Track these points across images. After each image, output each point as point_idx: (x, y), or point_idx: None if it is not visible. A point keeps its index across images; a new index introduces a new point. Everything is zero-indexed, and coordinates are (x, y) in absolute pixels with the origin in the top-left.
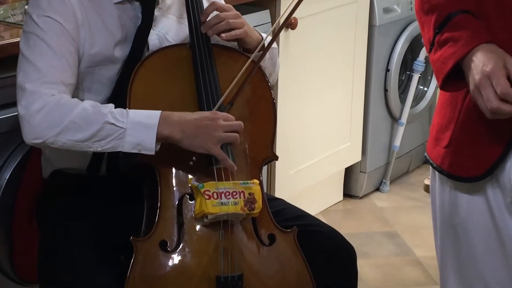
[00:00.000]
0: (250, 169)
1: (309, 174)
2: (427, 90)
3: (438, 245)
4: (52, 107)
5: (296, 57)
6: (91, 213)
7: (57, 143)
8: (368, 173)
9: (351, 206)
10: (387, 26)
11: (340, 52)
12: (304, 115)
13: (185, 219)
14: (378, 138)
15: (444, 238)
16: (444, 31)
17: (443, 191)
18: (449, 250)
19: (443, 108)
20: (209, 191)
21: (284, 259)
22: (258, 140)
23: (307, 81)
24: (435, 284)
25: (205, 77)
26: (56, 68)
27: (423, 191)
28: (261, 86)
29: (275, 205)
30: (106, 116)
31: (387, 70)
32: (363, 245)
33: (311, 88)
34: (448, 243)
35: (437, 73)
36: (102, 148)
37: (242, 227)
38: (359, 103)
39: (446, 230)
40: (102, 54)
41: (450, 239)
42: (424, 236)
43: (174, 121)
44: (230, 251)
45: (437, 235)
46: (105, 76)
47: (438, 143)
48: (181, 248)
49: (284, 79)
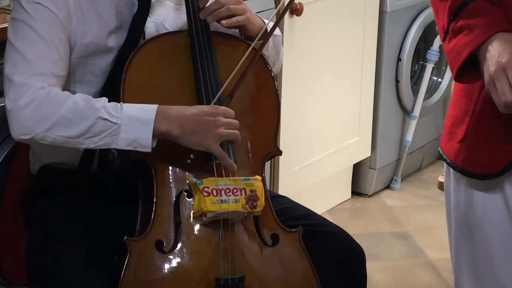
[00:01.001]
0: (252, 164)
1: (314, 171)
2: (441, 81)
3: (453, 247)
4: (41, 100)
5: (301, 46)
6: (82, 212)
7: (46, 139)
8: (378, 169)
9: (359, 205)
10: (399, 13)
11: (349, 40)
12: (309, 107)
13: (182, 217)
14: (389, 132)
15: (459, 238)
16: (459, 18)
17: (458, 189)
18: (465, 251)
19: (458, 100)
20: (208, 187)
21: (288, 261)
22: (261, 134)
23: (313, 71)
24: None
25: (204, 66)
26: (46, 59)
27: (437, 189)
28: (264, 76)
29: (278, 203)
30: (99, 110)
31: (398, 59)
32: (372, 246)
33: (317, 78)
34: (463, 244)
35: (452, 64)
36: (95, 145)
37: (243, 226)
38: (369, 95)
39: (461, 230)
40: (95, 44)
41: (465, 239)
42: (438, 237)
43: (172, 116)
44: (230, 252)
45: (451, 235)
46: (98, 67)
47: (453, 137)
48: (178, 249)
49: (288, 69)
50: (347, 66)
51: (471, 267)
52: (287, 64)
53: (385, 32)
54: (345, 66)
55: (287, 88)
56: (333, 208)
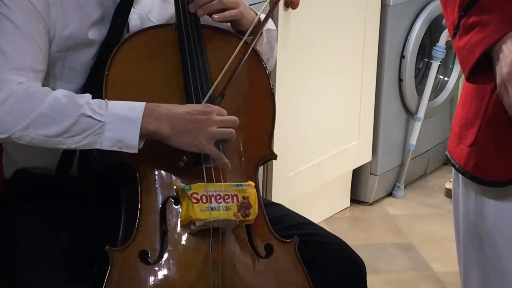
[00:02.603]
0: (244, 169)
1: (311, 177)
2: (448, 80)
3: (461, 259)
4: (19, 96)
5: (297, 41)
6: (60, 219)
7: (24, 138)
8: (379, 175)
9: (359, 213)
10: (402, 6)
11: (348, 35)
12: (305, 108)
13: (169, 226)
14: (391, 135)
15: (468, 250)
16: (470, 14)
17: (468, 196)
18: (474, 264)
19: (468, 100)
20: (197, 194)
21: (283, 273)
22: (254, 136)
23: (309, 69)
24: None
25: (194, 63)
26: (24, 52)
27: (442, 197)
28: (258, 74)
29: (273, 211)
30: (82, 107)
31: (402, 57)
32: (373, 258)
33: (313, 77)
34: (473, 256)
35: (463, 63)
36: (77, 144)
37: (235, 236)
38: (370, 95)
39: (471, 241)
40: (75, 37)
41: (475, 251)
42: (444, 248)
43: (161, 114)
44: (221, 264)
45: (459, 247)
46: (79, 62)
47: (462, 141)
48: (164, 260)
49: (282, 66)
50: (347, 63)
51: (481, 281)
52: (281, 61)
53: (388, 27)
54: (344, 63)
55: (281, 87)
56: (331, 217)
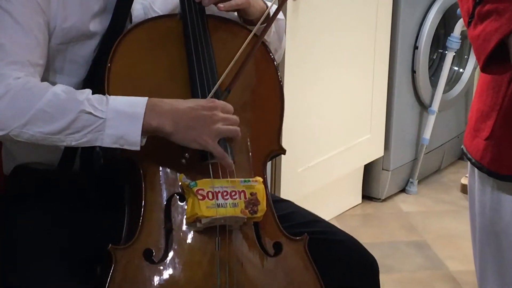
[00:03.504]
0: (252, 164)
1: (321, 172)
2: (463, 71)
3: (477, 257)
4: (17, 92)
5: (306, 32)
6: (61, 217)
7: (23, 135)
8: (392, 171)
9: (371, 210)
10: None
11: (359, 26)
12: (315, 101)
13: (174, 224)
14: (404, 129)
15: (485, 248)
16: (486, 2)
17: (484, 191)
18: (490, 262)
19: (484, 92)
20: (203, 190)
21: (293, 272)
22: (262, 130)
23: (319, 61)
24: None
25: (199, 55)
26: (22, 46)
27: (458, 193)
28: (266, 67)
29: (282, 208)
30: (82, 103)
31: (415, 47)
32: (385, 257)
33: (323, 69)
34: (489, 254)
35: (478, 52)
36: (77, 142)
37: (243, 234)
38: (382, 87)
39: (487, 238)
40: (76, 29)
41: (491, 249)
42: (459, 246)
43: (164, 110)
44: (228, 263)
45: (475, 244)
46: (80, 54)
47: (478, 134)
48: (169, 259)
49: (291, 58)
50: (358, 55)
51: (498, 280)
52: (290, 53)
53: (400, 17)
54: (355, 55)
55: (289, 80)
56: (341, 214)
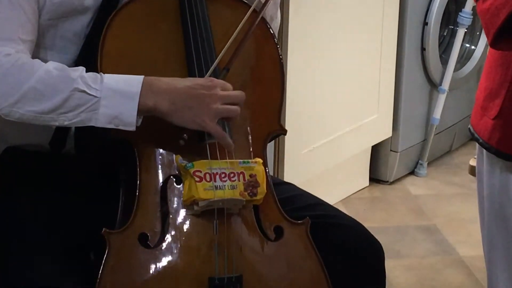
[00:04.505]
0: (251, 145)
1: (326, 154)
2: (474, 48)
3: (486, 241)
4: (7, 70)
5: (310, 6)
6: (54, 201)
7: (13, 114)
8: (401, 152)
9: (379, 193)
10: None
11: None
12: (320, 79)
13: (170, 207)
14: (413, 109)
15: (493, 232)
16: None
17: (492, 173)
18: (499, 246)
19: (492, 69)
20: (201, 171)
21: (294, 258)
22: (262, 109)
23: (324, 37)
24: None
25: (196, 32)
26: (11, 21)
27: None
28: (265, 42)
29: (283, 191)
30: (76, 81)
31: (425, 23)
32: (393, 242)
33: (329, 45)
34: (498, 238)
35: (487, 27)
36: (70, 121)
37: (242, 217)
38: (390, 65)
39: (496, 222)
40: (68, 3)
41: (500, 233)
42: (470, 231)
43: (160, 88)
44: (226, 247)
45: (484, 228)
46: (72, 30)
47: (486, 113)
48: (165, 243)
49: (295, 34)
50: (365, 31)
51: (506, 265)
52: (293, 29)
53: None
54: (362, 31)
55: (293, 57)
56: (348, 197)
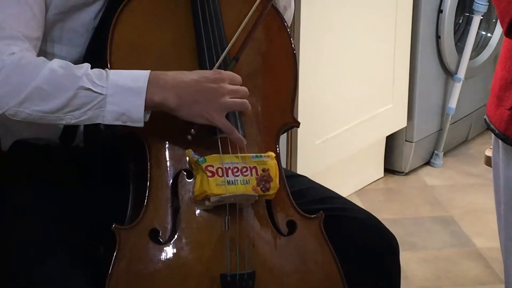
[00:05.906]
0: (263, 139)
1: (339, 145)
2: (491, 36)
3: (502, 232)
4: (11, 69)
5: None
6: (63, 195)
7: (19, 114)
8: (416, 142)
9: (394, 184)
10: None
11: None
12: (333, 69)
13: (181, 202)
14: (429, 98)
15: (510, 223)
16: None
17: (509, 164)
18: None
19: (508, 59)
20: (213, 166)
21: (307, 252)
22: (274, 102)
23: (337, 26)
24: (500, 283)
25: (207, 21)
26: (16, 18)
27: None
28: (277, 31)
29: (296, 184)
30: (81, 79)
31: (439, 11)
32: (409, 234)
33: (342, 34)
34: None
35: (502, 15)
36: (77, 120)
37: (254, 212)
38: (404, 53)
39: None
40: None
41: None
42: (487, 222)
43: (167, 83)
44: (238, 243)
45: (500, 219)
46: (80, 23)
47: (502, 103)
48: (176, 239)
49: (307, 23)
50: (379, 19)
51: None
52: (306, 18)
53: None
54: (376, 19)
55: (306, 47)
56: (362, 188)
